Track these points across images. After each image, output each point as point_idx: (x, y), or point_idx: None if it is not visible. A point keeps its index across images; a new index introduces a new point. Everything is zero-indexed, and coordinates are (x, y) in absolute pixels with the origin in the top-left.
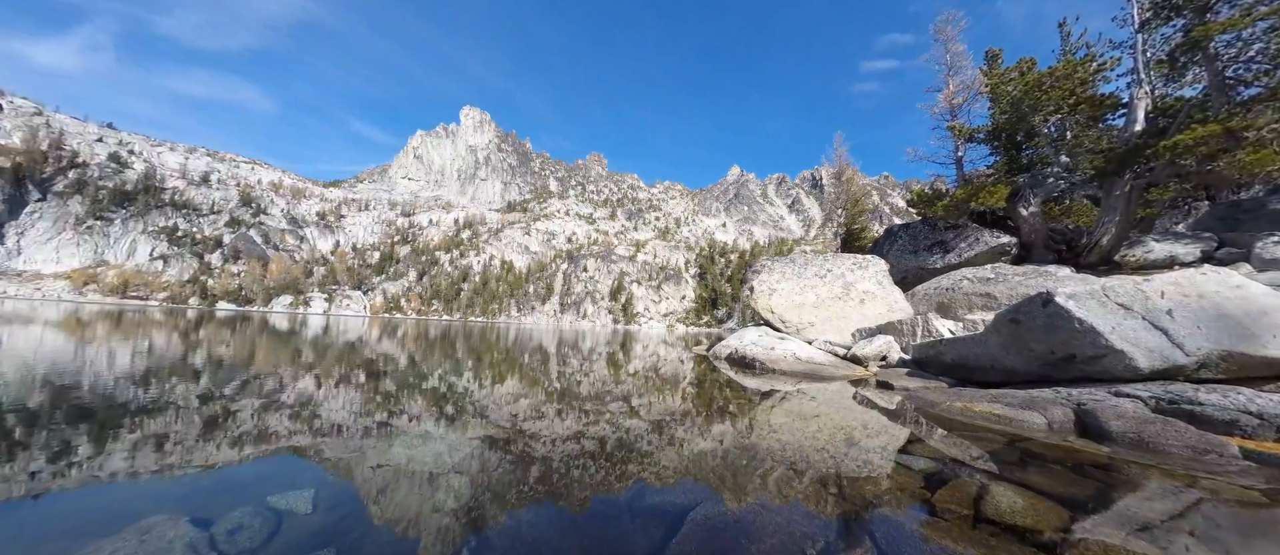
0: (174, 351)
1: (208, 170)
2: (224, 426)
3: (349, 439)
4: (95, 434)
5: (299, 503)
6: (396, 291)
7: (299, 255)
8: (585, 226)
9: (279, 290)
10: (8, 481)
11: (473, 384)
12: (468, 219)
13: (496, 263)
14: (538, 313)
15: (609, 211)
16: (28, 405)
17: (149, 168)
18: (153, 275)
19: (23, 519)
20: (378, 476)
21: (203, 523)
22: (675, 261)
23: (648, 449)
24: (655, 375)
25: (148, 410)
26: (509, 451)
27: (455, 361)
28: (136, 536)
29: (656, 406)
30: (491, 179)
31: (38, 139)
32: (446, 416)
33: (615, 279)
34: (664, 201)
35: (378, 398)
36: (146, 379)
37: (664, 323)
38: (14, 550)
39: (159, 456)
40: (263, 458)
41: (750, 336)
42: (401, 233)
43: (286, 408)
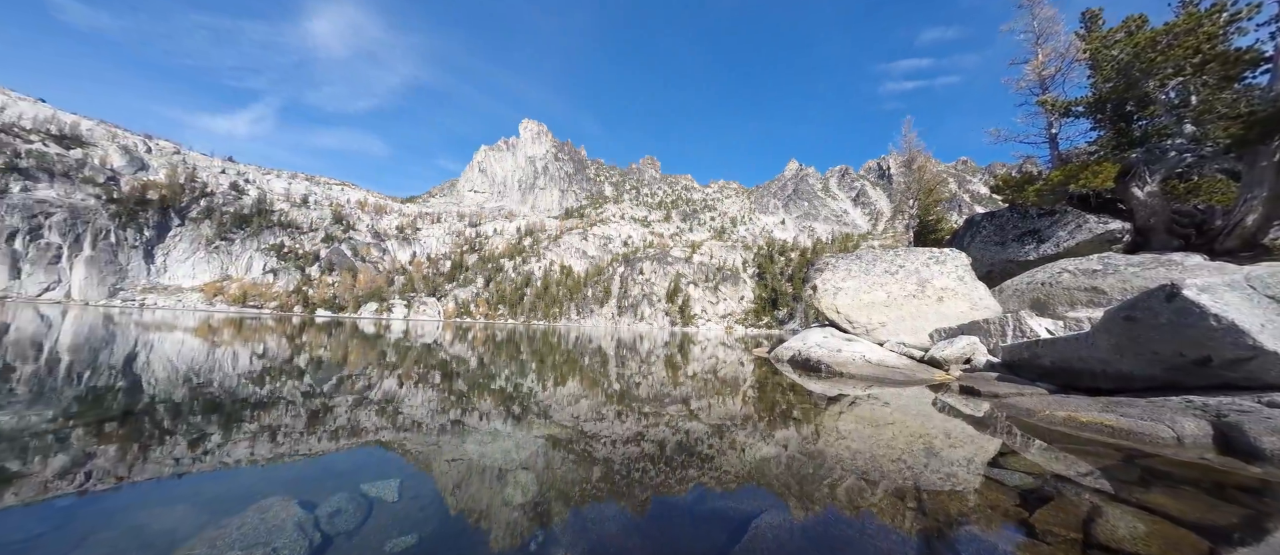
0: (283, 354)
1: (306, 193)
2: (324, 420)
3: (427, 434)
4: (223, 423)
5: (387, 491)
6: (466, 297)
7: (382, 266)
8: (640, 229)
9: (366, 298)
10: (160, 462)
11: (536, 385)
12: (529, 227)
13: (556, 268)
14: (596, 315)
15: (663, 214)
16: (173, 398)
17: (261, 193)
18: (265, 287)
19: (172, 493)
20: (453, 470)
21: (309, 505)
22: (732, 261)
23: (708, 453)
24: (714, 378)
25: (263, 404)
26: (571, 451)
27: (520, 363)
28: (257, 514)
29: (716, 410)
30: (550, 187)
31: (177, 175)
32: (513, 416)
33: (671, 281)
34: (719, 201)
35: (451, 396)
36: (262, 378)
37: (722, 324)
38: (167, 520)
39: (272, 445)
40: (356, 449)
41: (814, 338)
42: (469, 242)
43: (374, 404)
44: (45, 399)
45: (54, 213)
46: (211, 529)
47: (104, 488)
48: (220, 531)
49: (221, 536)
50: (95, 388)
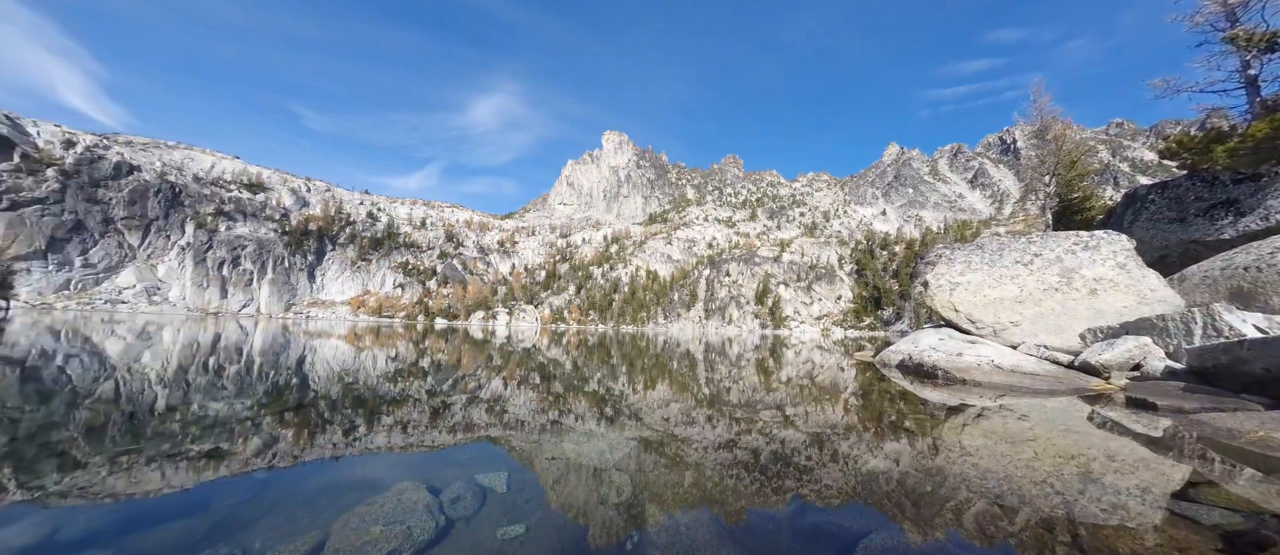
0: (409, 357)
1: (424, 217)
2: (444, 416)
3: (529, 432)
4: (367, 416)
5: (497, 483)
6: (560, 304)
7: (486, 277)
8: (725, 230)
9: (474, 307)
10: (322, 446)
11: (627, 388)
12: (614, 234)
13: (642, 273)
14: (683, 319)
15: (748, 213)
16: (331, 394)
17: (389, 220)
18: (395, 299)
19: (332, 472)
20: (553, 467)
21: (434, 490)
22: (826, 259)
23: (806, 464)
24: (811, 384)
25: (396, 400)
26: (663, 454)
27: (610, 367)
28: (395, 496)
29: (814, 418)
30: (633, 195)
31: (329, 208)
32: (606, 417)
33: (760, 282)
34: (808, 195)
35: (549, 397)
36: (394, 378)
37: (817, 326)
38: (330, 494)
39: (404, 436)
40: (470, 443)
41: (928, 340)
42: (561, 252)
43: (483, 403)
44: (245, 392)
45: (247, 245)
46: (362, 505)
47: (285, 465)
48: (368, 507)
49: (369, 512)
50: (277, 384)
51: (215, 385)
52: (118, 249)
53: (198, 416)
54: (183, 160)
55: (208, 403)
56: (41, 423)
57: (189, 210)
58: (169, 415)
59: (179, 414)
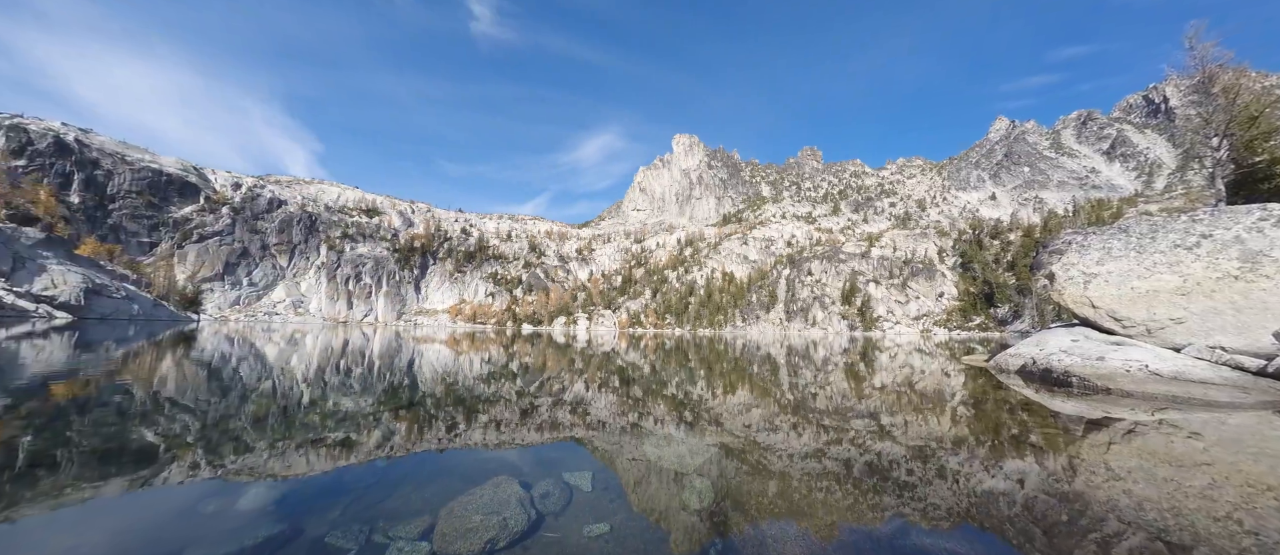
0: (501, 361)
1: (510, 230)
2: (532, 415)
3: (610, 434)
4: (466, 414)
5: (583, 481)
6: (636, 308)
7: (567, 284)
8: (805, 227)
9: (556, 312)
10: (430, 440)
11: (705, 393)
12: (688, 237)
13: (718, 275)
14: (762, 321)
15: (830, 206)
16: (435, 393)
17: (480, 234)
18: (487, 307)
19: (438, 463)
20: (634, 469)
21: (526, 485)
22: (923, 252)
23: (907, 479)
24: (910, 391)
25: (490, 400)
26: (745, 461)
27: (688, 371)
28: (492, 488)
29: (915, 429)
30: (705, 196)
31: (430, 227)
32: (685, 422)
33: (846, 280)
34: (898, 183)
35: (628, 400)
36: (489, 379)
37: (915, 327)
38: (434, 485)
39: (498, 433)
40: (557, 442)
41: (1058, 342)
42: (635, 257)
43: (567, 404)
44: (368, 390)
45: (366, 262)
46: (464, 494)
47: (400, 454)
48: (469, 497)
49: (470, 501)
50: (392, 384)
51: (345, 384)
52: (272, 270)
53: (333, 410)
54: (316, 193)
55: (340, 399)
56: (223, 412)
57: (322, 235)
58: (311, 408)
59: (319, 408)
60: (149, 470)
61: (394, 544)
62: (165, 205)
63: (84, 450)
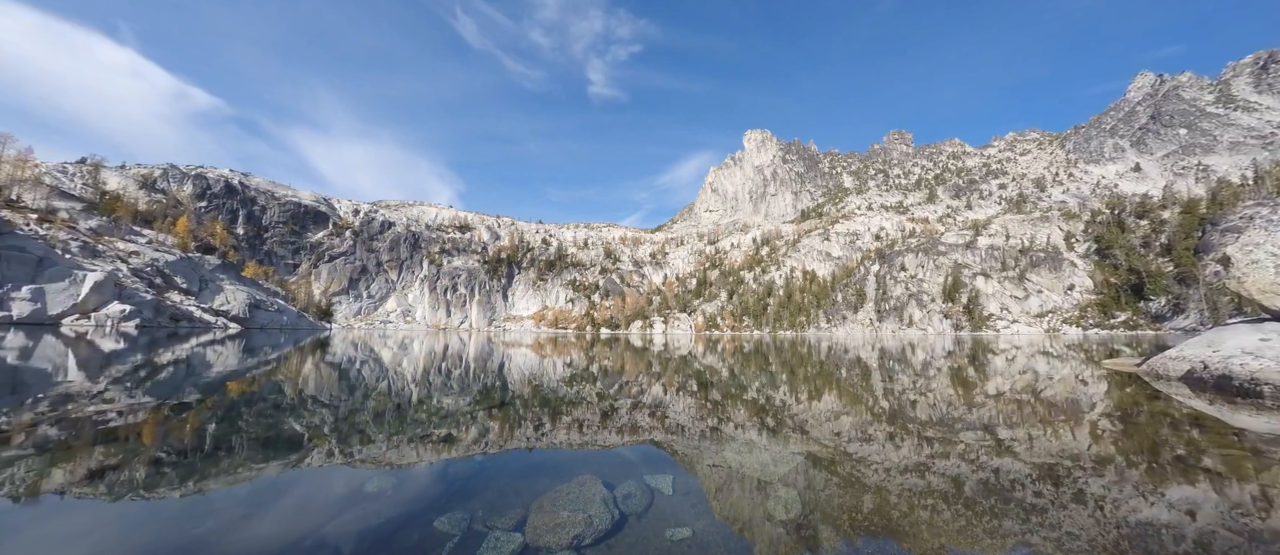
0: (582, 364)
1: (586, 238)
2: (612, 417)
3: (690, 438)
4: (551, 414)
5: (664, 485)
6: (712, 311)
7: (642, 289)
8: (895, 218)
9: (633, 316)
10: (519, 438)
11: (788, 398)
12: (764, 236)
13: (798, 274)
14: (850, 322)
15: (924, 193)
16: (524, 393)
17: (559, 244)
18: (567, 312)
19: (527, 461)
20: (715, 475)
21: (609, 485)
22: (1045, 238)
23: (1034, 502)
24: (1034, 400)
25: (573, 401)
26: (835, 473)
27: (768, 374)
28: (577, 487)
29: (1043, 445)
30: (781, 192)
31: (514, 239)
32: (767, 428)
33: (947, 274)
34: (1008, 161)
35: (707, 405)
36: (571, 381)
37: (1038, 325)
38: (525, 481)
39: (580, 434)
40: (637, 444)
41: (1241, 341)
42: (709, 259)
43: (646, 407)
44: (465, 390)
45: (461, 274)
46: (551, 491)
47: (494, 451)
48: (556, 494)
49: (558, 498)
50: (486, 385)
51: (446, 384)
52: (385, 283)
53: (437, 408)
54: (418, 214)
55: (443, 398)
56: (351, 408)
57: (423, 251)
58: (419, 406)
59: (425, 405)
60: (297, 455)
61: (491, 533)
62: (304, 232)
63: (250, 437)
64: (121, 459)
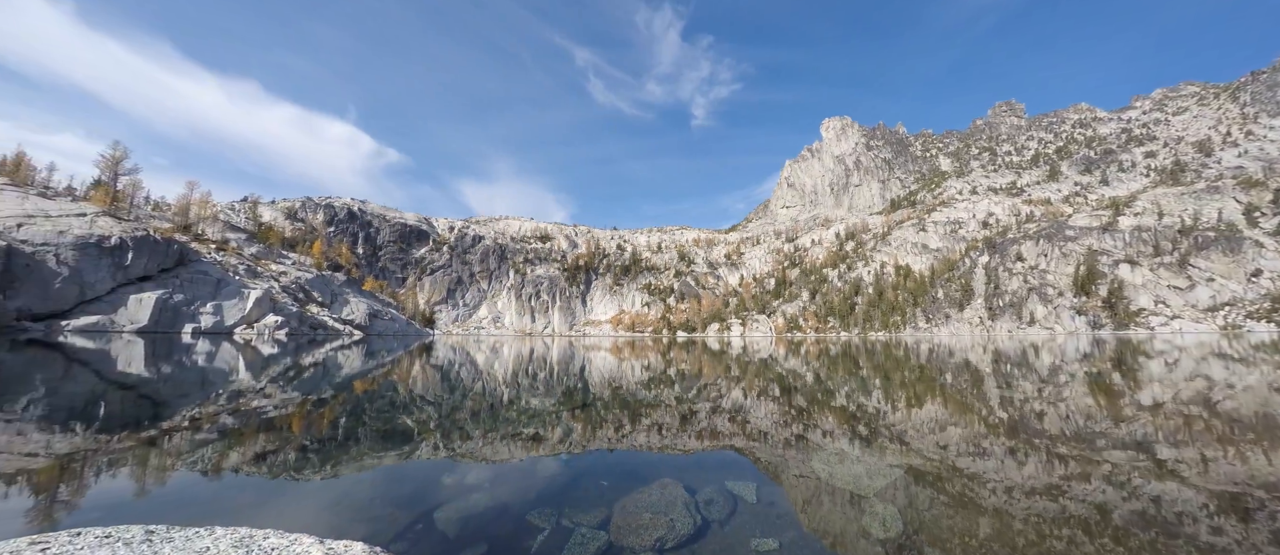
0: (659, 367)
1: (659, 242)
2: (692, 421)
3: (773, 446)
4: (631, 416)
5: (747, 492)
6: (793, 312)
7: (717, 291)
8: (1007, 201)
9: (709, 319)
10: (600, 439)
11: (883, 405)
12: (848, 230)
13: (889, 270)
14: (955, 321)
15: (1044, 171)
16: (603, 395)
17: (633, 248)
18: (643, 316)
19: (609, 461)
20: (802, 485)
21: (690, 490)
22: (1215, 213)
23: (1213, 540)
24: (1209, 413)
25: (652, 404)
26: (943, 490)
27: (859, 379)
28: (659, 490)
29: (1224, 469)
30: (865, 182)
31: (591, 246)
32: (859, 437)
33: (1079, 262)
34: (1158, 123)
35: (791, 410)
36: (649, 384)
37: (1210, 320)
38: (607, 481)
39: (660, 437)
40: (717, 449)
41: None
42: (788, 257)
43: (726, 412)
44: (549, 392)
45: (543, 282)
46: (633, 493)
47: (578, 451)
48: (638, 496)
49: (639, 500)
50: (568, 387)
51: (533, 386)
52: (478, 293)
53: (525, 408)
54: (504, 227)
55: (530, 399)
56: (452, 405)
57: (510, 261)
58: (510, 406)
59: (515, 405)
60: (409, 446)
61: (578, 529)
62: (409, 249)
63: (372, 429)
64: (277, 444)
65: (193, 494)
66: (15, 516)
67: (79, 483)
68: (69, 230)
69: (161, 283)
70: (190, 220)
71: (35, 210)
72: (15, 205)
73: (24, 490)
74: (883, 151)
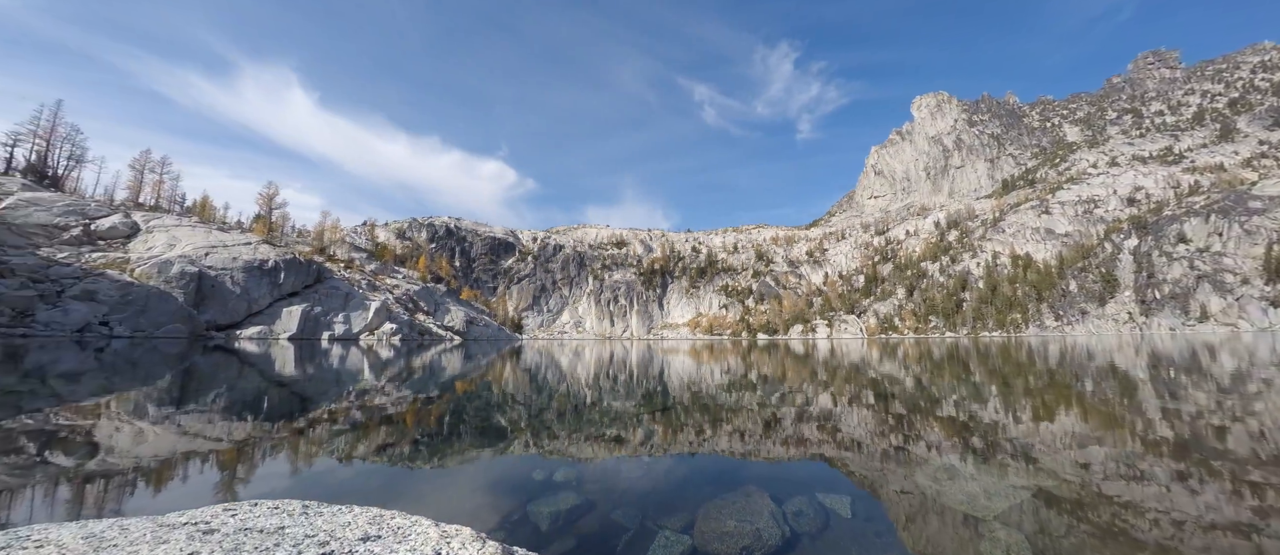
0: (739, 370)
1: (735, 242)
2: (775, 428)
3: (868, 457)
4: (712, 420)
5: (840, 506)
6: (887, 311)
7: (800, 290)
8: (1159, 170)
9: (792, 321)
10: (682, 443)
11: (1002, 415)
12: (950, 218)
13: (1004, 260)
14: (1093, 318)
15: (1213, 130)
16: (683, 399)
17: (708, 250)
18: (722, 319)
19: (691, 466)
20: (904, 502)
21: (777, 500)
22: None
23: None
24: None
25: (733, 409)
26: (1086, 519)
27: (971, 386)
28: (743, 497)
29: None
30: (969, 163)
31: (666, 250)
32: (972, 451)
33: (1272, 241)
34: None
35: (889, 420)
36: (729, 388)
37: None
38: (690, 486)
39: (742, 443)
40: (804, 459)
41: None
42: (879, 251)
43: (813, 419)
44: (630, 394)
45: (620, 287)
46: (717, 498)
47: (659, 454)
48: (722, 502)
49: (724, 506)
50: (648, 390)
51: (614, 388)
52: (560, 299)
53: (607, 409)
54: (582, 235)
55: (612, 401)
56: (540, 406)
57: (588, 268)
58: (592, 407)
59: (597, 407)
60: (504, 443)
61: (661, 532)
62: (498, 260)
63: (472, 425)
64: (395, 437)
65: (332, 476)
66: (209, 488)
67: (251, 463)
68: (239, 256)
69: (305, 297)
70: (324, 244)
71: (216, 242)
72: (203, 238)
73: (213, 468)
74: (989, 126)
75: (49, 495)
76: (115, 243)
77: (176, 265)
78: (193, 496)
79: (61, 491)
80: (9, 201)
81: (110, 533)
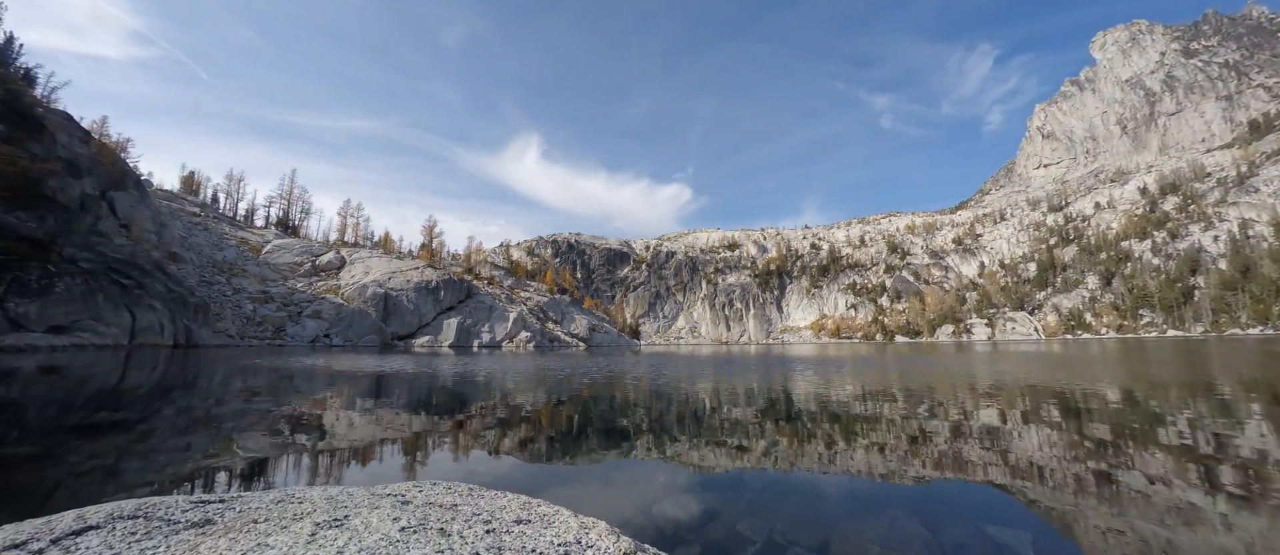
0: (871, 376)
1: (861, 235)
2: (925, 446)
3: (1058, 488)
4: (844, 433)
5: (1018, 543)
6: (1073, 305)
7: (947, 285)
8: None
9: (938, 321)
10: (810, 455)
11: (1266, 441)
12: (1164, 181)
13: (1261, 230)
14: None
15: None
16: (809, 407)
17: (830, 246)
18: (850, 320)
19: (825, 483)
20: (1116, 545)
21: (931, 528)
22: None
23: None
24: None
25: (869, 420)
26: None
27: (1211, 401)
28: (888, 522)
29: None
30: (1190, 105)
31: (782, 249)
32: (1218, 487)
33: None
34: None
35: (1087, 443)
36: (863, 398)
37: None
38: (822, 502)
39: (883, 460)
40: (968, 484)
41: None
42: (1056, 232)
43: (976, 437)
44: (750, 401)
45: (735, 290)
46: (855, 520)
47: (785, 467)
48: (862, 524)
49: (864, 530)
50: (769, 398)
51: (733, 395)
52: (675, 305)
53: (727, 416)
54: (692, 240)
55: (732, 408)
56: (661, 410)
57: (701, 272)
58: (712, 414)
59: (718, 414)
60: (627, 445)
61: (792, 548)
62: (614, 270)
63: (598, 427)
64: (532, 434)
65: (486, 466)
66: (397, 470)
67: (426, 451)
68: (412, 279)
69: (459, 311)
70: (471, 264)
71: (395, 269)
72: (386, 266)
73: (399, 453)
74: (1220, 53)
75: (296, 465)
76: (331, 273)
77: (371, 288)
78: (388, 473)
79: (305, 461)
80: (268, 247)
81: (341, 497)
